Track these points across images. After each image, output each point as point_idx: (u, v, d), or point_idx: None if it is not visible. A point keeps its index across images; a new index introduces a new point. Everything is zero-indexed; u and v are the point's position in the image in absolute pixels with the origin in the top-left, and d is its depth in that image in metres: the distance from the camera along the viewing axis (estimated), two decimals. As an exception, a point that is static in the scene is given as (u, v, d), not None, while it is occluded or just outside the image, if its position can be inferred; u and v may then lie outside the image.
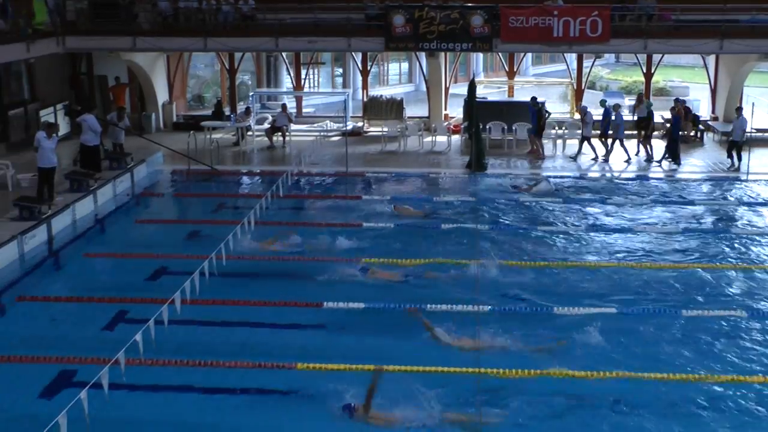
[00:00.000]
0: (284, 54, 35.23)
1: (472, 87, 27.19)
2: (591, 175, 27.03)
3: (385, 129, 30.94)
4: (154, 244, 20.18)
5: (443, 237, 20.74)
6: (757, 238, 20.73)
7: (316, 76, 39.86)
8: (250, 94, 34.82)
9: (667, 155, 28.06)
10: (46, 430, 9.96)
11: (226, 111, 33.60)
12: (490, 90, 36.84)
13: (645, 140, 28.64)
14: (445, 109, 33.17)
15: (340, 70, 41.75)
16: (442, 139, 30.59)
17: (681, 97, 30.88)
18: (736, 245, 20.18)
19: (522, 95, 34.80)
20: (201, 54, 35.26)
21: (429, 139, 30.84)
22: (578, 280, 18.03)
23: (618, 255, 19.56)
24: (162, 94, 33.66)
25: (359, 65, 34.98)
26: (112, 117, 27.78)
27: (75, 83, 32.89)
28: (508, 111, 30.16)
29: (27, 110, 29.62)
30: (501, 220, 22.02)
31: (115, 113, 27.98)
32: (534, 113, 29.19)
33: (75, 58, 32.50)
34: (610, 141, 28.57)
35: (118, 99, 32.43)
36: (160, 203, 24.60)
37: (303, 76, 35.47)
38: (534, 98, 29.74)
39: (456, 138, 30.89)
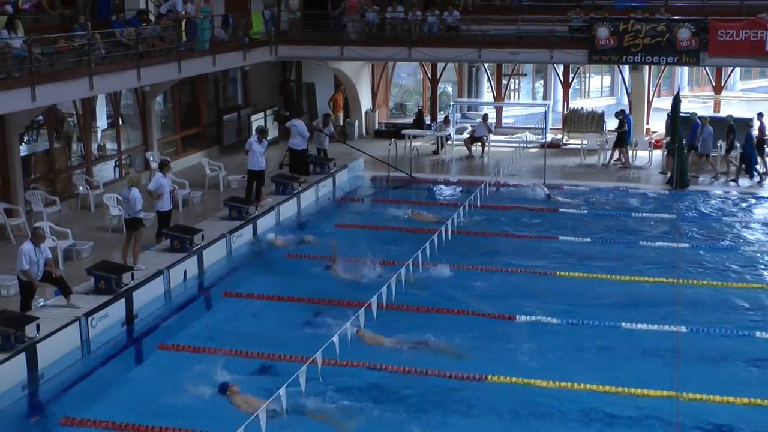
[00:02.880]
0: (486, 65, 35.44)
1: (676, 101, 26.63)
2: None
3: (585, 142, 30.66)
4: (353, 248, 20.74)
5: (641, 253, 20.54)
6: None
7: (516, 87, 39.84)
8: (451, 103, 35.20)
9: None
10: (246, 423, 10.45)
11: (427, 120, 34.14)
12: (695, 105, 35.80)
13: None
14: (647, 124, 32.54)
15: (541, 81, 41.57)
16: (642, 153, 30.03)
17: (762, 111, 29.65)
18: None
19: (729, 111, 33.69)
20: (404, 63, 35.93)
21: (630, 153, 30.35)
22: None
23: None
24: (365, 102, 34.55)
25: (560, 77, 34.78)
26: (318, 123, 28.75)
27: (284, 90, 34.23)
28: (713, 126, 29.24)
29: (240, 115, 31.04)
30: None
31: (320, 119, 28.94)
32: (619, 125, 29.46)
33: (285, 65, 33.84)
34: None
35: (338, 106, 33.46)
36: (359, 208, 25.26)
37: (504, 87, 35.59)
38: (622, 110, 30.34)
39: (657, 153, 30.23)
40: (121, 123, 26.15)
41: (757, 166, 27.38)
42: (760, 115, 28.51)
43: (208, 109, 30.20)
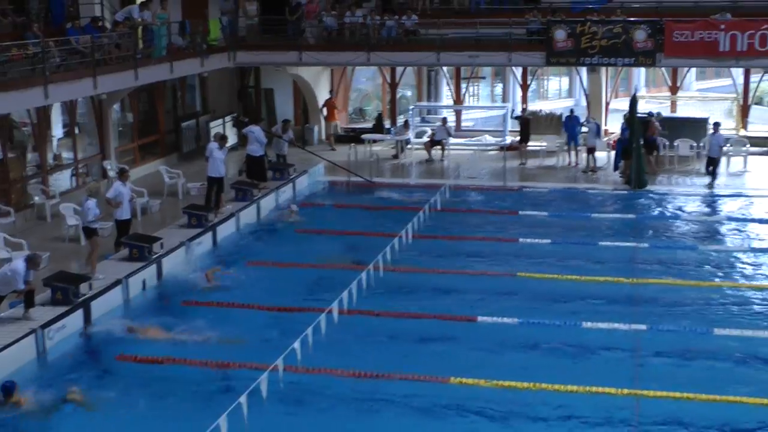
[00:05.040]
0: (445, 68, 35.50)
1: (633, 102, 26.84)
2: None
3: (544, 144, 30.80)
4: (314, 253, 20.71)
5: (600, 253, 20.64)
6: None
7: (475, 90, 39.96)
8: (410, 107, 35.24)
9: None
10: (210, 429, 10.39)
11: (387, 124, 34.13)
12: (652, 105, 36.10)
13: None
14: (605, 125, 32.73)
15: (500, 84, 41.73)
16: (601, 154, 30.14)
17: (654, 111, 30.24)
18: None
19: (685, 111, 34.08)
20: (363, 68, 35.89)
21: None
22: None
23: None
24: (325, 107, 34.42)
25: (519, 80, 34.93)
26: (277, 129, 28.65)
27: (243, 96, 34.07)
28: (670, 126, 29.52)
29: (198, 122, 30.85)
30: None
31: (280, 125, 28.86)
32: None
33: (243, 71, 33.67)
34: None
35: (331, 113, 33.38)
36: (319, 214, 25.13)
37: (463, 91, 35.66)
38: (523, 109, 32.20)
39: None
40: (77, 132, 25.87)
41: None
42: (650, 114, 28.90)
43: (166, 116, 30.00)
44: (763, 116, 36.50)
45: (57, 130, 25.79)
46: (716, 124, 27.15)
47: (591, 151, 29.04)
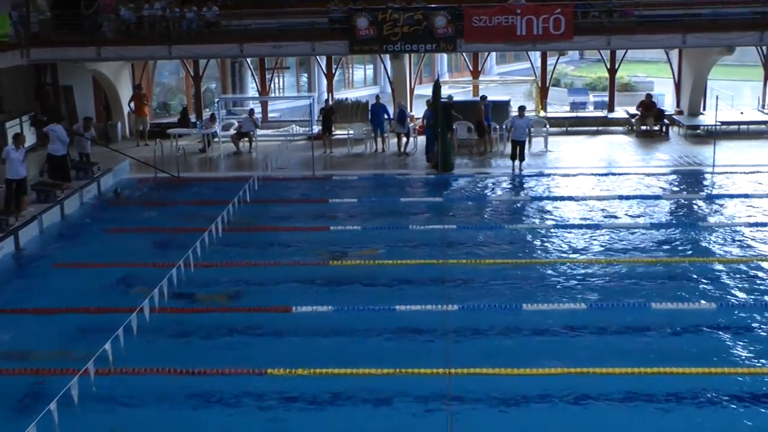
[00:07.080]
0: (249, 60, 35.27)
1: (436, 88, 27.38)
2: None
3: (351, 132, 31.07)
4: (122, 253, 20.19)
5: (410, 236, 20.99)
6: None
7: (281, 81, 39.90)
8: (216, 100, 34.86)
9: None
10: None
11: (192, 118, 33.62)
12: (456, 90, 37.01)
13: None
14: (411, 111, 33.28)
15: (305, 74, 41.83)
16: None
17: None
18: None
19: (488, 94, 34.96)
20: (166, 62, 35.23)
21: (395, 140, 30.91)
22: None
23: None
24: (127, 103, 33.59)
25: (324, 69, 35.08)
26: (78, 127, 27.80)
27: (40, 94, 32.78)
28: (473, 110, 30.28)
29: (-7, 123, 29.52)
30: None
31: (81, 123, 28.02)
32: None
33: (39, 69, 32.39)
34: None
35: (139, 108, 32.43)
36: (127, 212, 24.54)
37: (268, 82, 35.52)
38: (326, 100, 33.07)
39: (422, 139, 30.90)
40: None
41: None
42: (483, 98, 29.79)
43: (-43, 118, 28.59)
44: (560, 97, 38.02)
45: None
46: (521, 108, 27.91)
47: (405, 136, 29.71)
